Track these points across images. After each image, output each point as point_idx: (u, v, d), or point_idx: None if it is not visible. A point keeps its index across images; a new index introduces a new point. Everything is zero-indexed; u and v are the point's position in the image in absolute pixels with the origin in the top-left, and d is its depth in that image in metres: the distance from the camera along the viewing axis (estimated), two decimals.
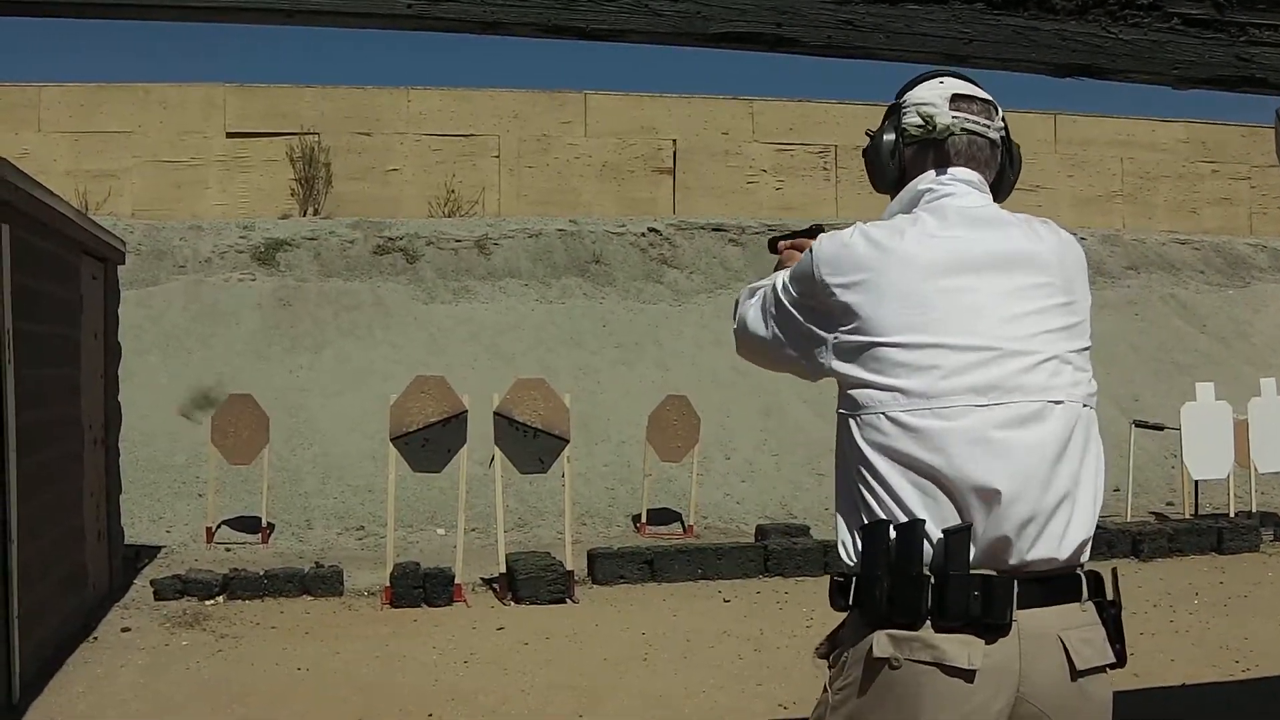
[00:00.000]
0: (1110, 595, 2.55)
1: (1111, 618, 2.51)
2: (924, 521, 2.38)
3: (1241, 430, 13.59)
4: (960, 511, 2.39)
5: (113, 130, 19.64)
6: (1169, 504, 14.80)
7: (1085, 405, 2.54)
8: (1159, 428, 14.30)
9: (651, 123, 21.22)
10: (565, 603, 10.16)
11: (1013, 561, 2.39)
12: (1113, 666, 2.51)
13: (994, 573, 2.38)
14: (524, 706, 7.32)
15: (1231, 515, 13.62)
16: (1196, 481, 13.88)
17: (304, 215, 19.54)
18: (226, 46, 47.48)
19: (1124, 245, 21.13)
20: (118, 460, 10.94)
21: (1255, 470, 13.91)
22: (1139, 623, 9.23)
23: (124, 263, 11.34)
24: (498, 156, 20.69)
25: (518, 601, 10.14)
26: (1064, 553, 2.43)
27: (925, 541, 2.38)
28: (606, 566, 10.97)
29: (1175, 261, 21.01)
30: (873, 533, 2.43)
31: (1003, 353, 2.47)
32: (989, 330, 2.48)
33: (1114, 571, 2.57)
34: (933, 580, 2.36)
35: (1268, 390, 13.84)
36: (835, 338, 2.56)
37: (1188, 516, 13.81)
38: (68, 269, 9.14)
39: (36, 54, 38.89)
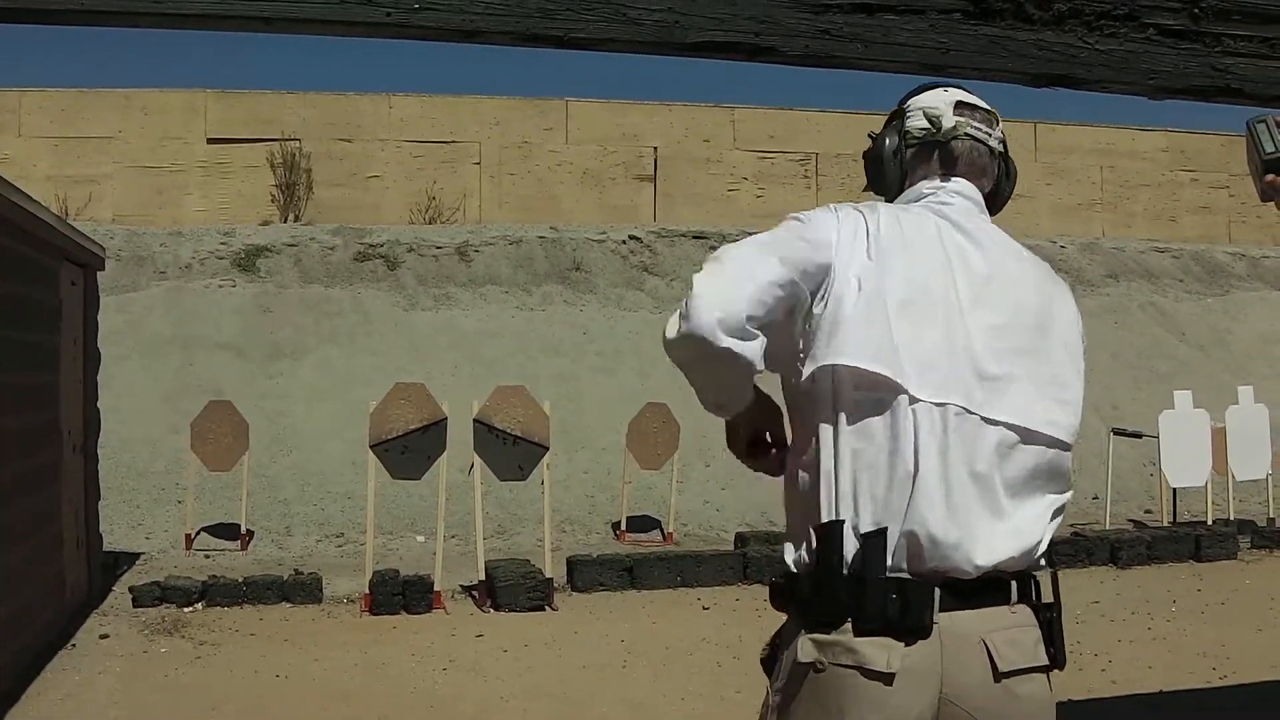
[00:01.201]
0: (1049, 598, 2.54)
1: (1047, 620, 2.51)
2: (843, 523, 2.40)
3: (1219, 438, 13.64)
4: (882, 513, 2.40)
5: (93, 136, 19.59)
6: (1147, 511, 14.85)
7: (1035, 432, 2.50)
8: (1137, 435, 14.36)
9: (633, 130, 21.24)
10: (544, 610, 10.16)
11: (930, 566, 2.39)
12: (1047, 669, 2.50)
13: (911, 576, 2.39)
14: (503, 714, 7.32)
15: (1209, 523, 13.67)
16: (1175, 489, 13.93)
17: (285, 221, 19.51)
18: (207, 53, 47.38)
19: (1103, 253, 21.21)
20: (97, 467, 10.90)
21: (1233, 478, 13.96)
22: (1117, 630, 9.27)
23: (104, 269, 11.31)
24: (479, 163, 20.70)
25: (497, 609, 10.14)
26: (979, 561, 2.40)
27: (846, 544, 2.40)
28: (586, 574, 10.97)
29: (1154, 270, 21.08)
30: (797, 535, 2.51)
31: (950, 355, 2.47)
32: (937, 334, 2.48)
33: (1054, 575, 2.57)
34: (852, 582, 2.38)
35: (1245, 398, 13.90)
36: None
37: (1166, 524, 13.84)
38: (47, 274, 9.12)
39: (17, 59, 38.77)
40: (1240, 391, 14.10)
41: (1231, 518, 13.97)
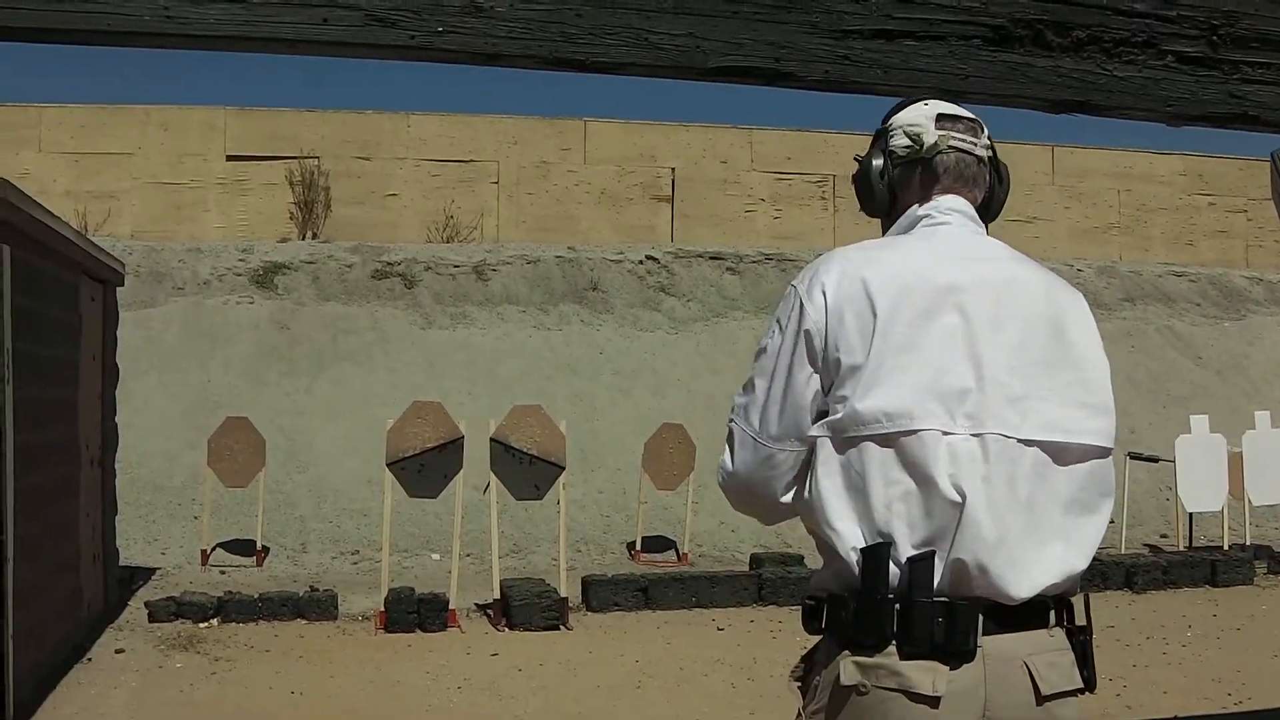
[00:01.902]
0: (1080, 621, 2.53)
1: (1080, 643, 2.50)
2: (890, 545, 2.37)
3: (1236, 463, 13.61)
4: (922, 540, 2.39)
5: (113, 152, 19.67)
6: (1163, 536, 14.81)
7: (1070, 444, 2.49)
8: (1154, 460, 14.31)
9: (651, 150, 21.26)
10: (559, 629, 10.17)
11: (977, 592, 2.37)
12: (1081, 691, 2.50)
13: (958, 600, 2.37)
14: None
15: (1225, 548, 13.64)
16: (1191, 514, 13.89)
17: (303, 239, 19.56)
18: (227, 70, 47.58)
19: (1120, 277, 21.17)
20: (114, 481, 10.94)
21: (1249, 503, 13.93)
22: (1132, 654, 9.24)
23: (123, 284, 11.37)
24: (497, 182, 20.73)
25: (512, 628, 10.14)
26: (1024, 592, 2.39)
27: (892, 566, 2.37)
28: (601, 593, 10.97)
29: (1171, 293, 21.04)
30: (838, 556, 2.46)
31: (977, 382, 2.46)
32: (959, 364, 2.46)
33: (1086, 597, 2.56)
34: (898, 605, 2.36)
35: (1262, 423, 13.87)
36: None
37: (1182, 549, 13.81)
38: (67, 290, 9.16)
39: (38, 75, 38.99)
40: (1257, 416, 14.07)
41: (1248, 543, 13.93)
